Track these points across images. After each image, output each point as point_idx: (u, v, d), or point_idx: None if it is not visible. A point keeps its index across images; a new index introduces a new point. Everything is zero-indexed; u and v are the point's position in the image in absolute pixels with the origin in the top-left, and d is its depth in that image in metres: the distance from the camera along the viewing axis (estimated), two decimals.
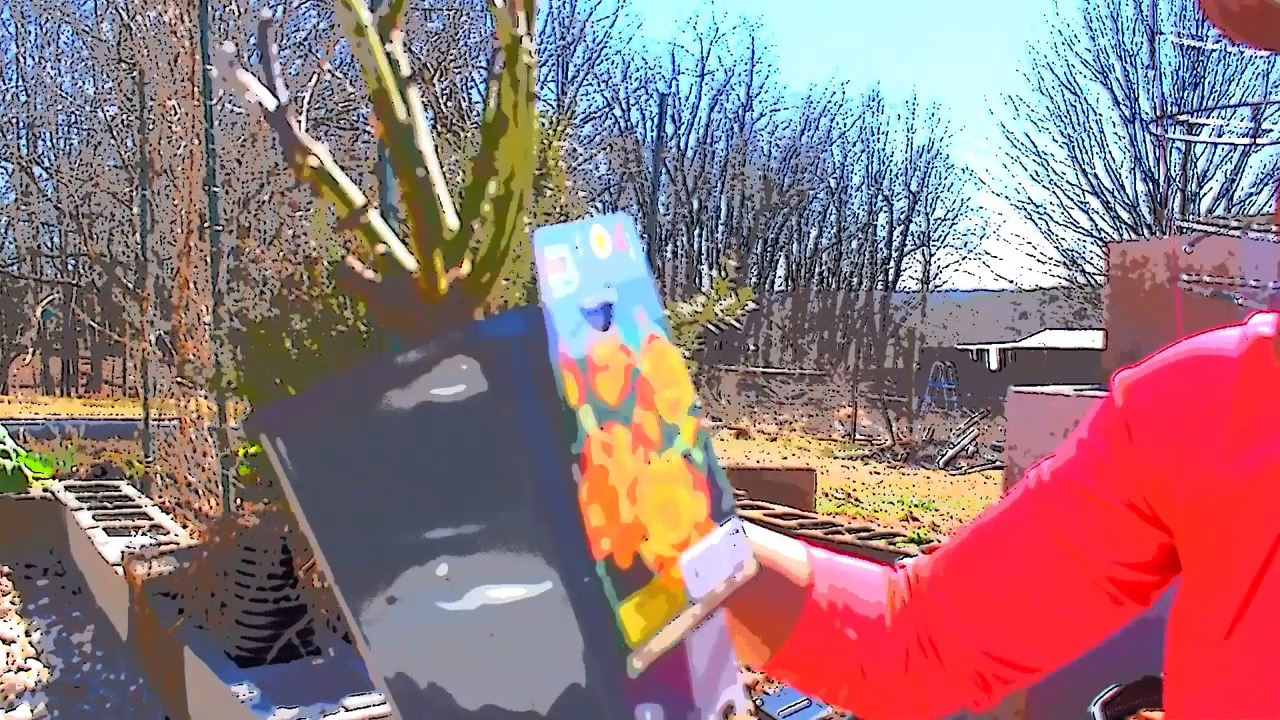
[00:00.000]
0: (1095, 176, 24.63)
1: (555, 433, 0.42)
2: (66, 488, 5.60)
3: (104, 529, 4.45)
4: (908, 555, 4.87)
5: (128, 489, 5.65)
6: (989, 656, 0.71)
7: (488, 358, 0.41)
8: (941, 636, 0.72)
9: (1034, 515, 0.71)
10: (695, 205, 30.84)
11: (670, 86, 30.26)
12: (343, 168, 0.48)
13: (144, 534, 4.34)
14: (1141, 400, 0.69)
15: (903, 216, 33.03)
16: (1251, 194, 23.26)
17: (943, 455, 12.25)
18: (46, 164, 20.31)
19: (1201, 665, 0.64)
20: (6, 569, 4.93)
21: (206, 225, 3.79)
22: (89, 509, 4.94)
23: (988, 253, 51.83)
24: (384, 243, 0.48)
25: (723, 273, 2.99)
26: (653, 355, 0.48)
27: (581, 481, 0.42)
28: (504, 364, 0.41)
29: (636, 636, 0.43)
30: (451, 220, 0.49)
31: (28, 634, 3.96)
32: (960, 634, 0.72)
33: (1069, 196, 25.45)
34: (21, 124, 20.41)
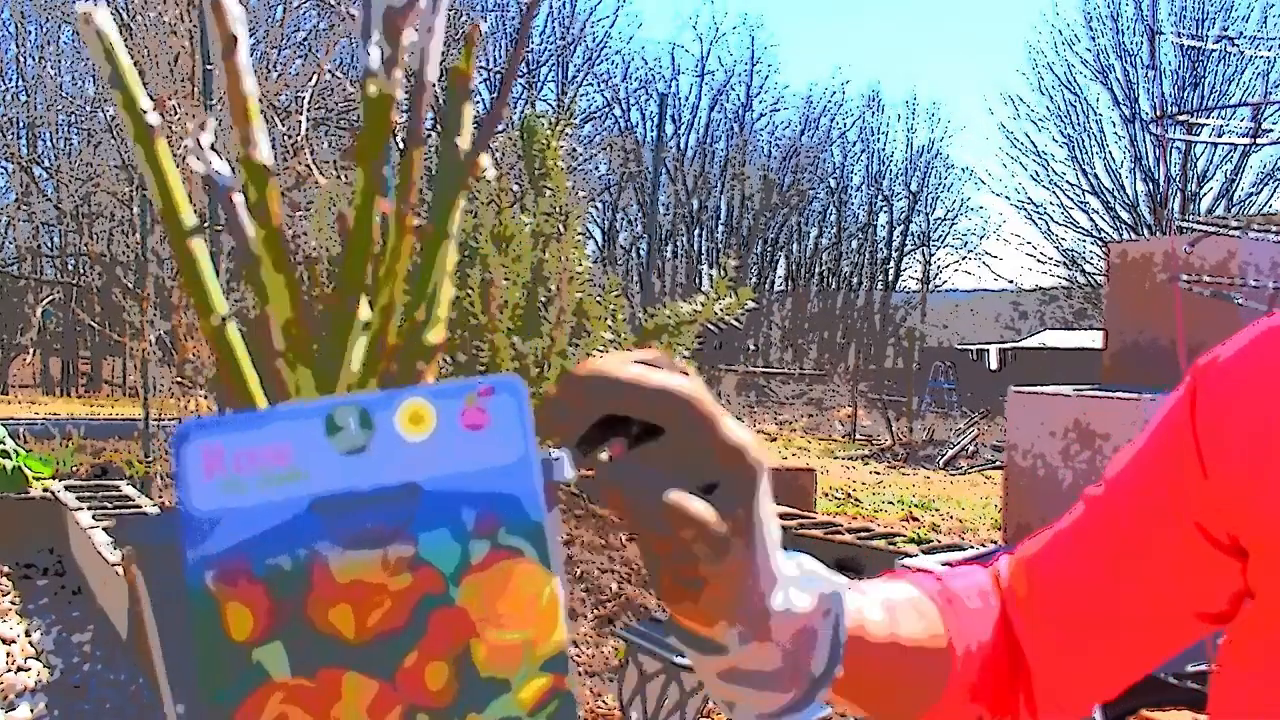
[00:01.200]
0: (1095, 176, 24.65)
1: (187, 670, 0.33)
2: (66, 488, 5.60)
3: (104, 529, 4.45)
4: (908, 555, 4.87)
5: (128, 489, 5.65)
6: (1070, 698, 0.67)
7: (134, 565, 0.36)
8: (1039, 676, 0.67)
9: (1116, 564, 0.65)
10: (695, 205, 30.85)
11: (670, 86, 30.29)
12: (343, 168, 0.48)
13: None
14: (1220, 398, 0.61)
15: (903, 216, 33.05)
16: (1251, 194, 23.28)
17: (943, 455, 12.25)
18: (46, 164, 20.32)
19: (1260, 689, 0.59)
20: (6, 569, 4.93)
21: (207, 225, 3.80)
22: (89, 509, 4.94)
23: (988, 253, 51.84)
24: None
25: (723, 272, 2.99)
26: (489, 581, 0.35)
27: None
28: (144, 577, 0.35)
29: None
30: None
31: (28, 634, 3.96)
32: (1052, 677, 0.66)
33: (1069, 196, 25.47)
34: (21, 124, 20.42)
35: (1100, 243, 24.76)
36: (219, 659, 0.32)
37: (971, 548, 5.22)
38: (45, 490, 5.64)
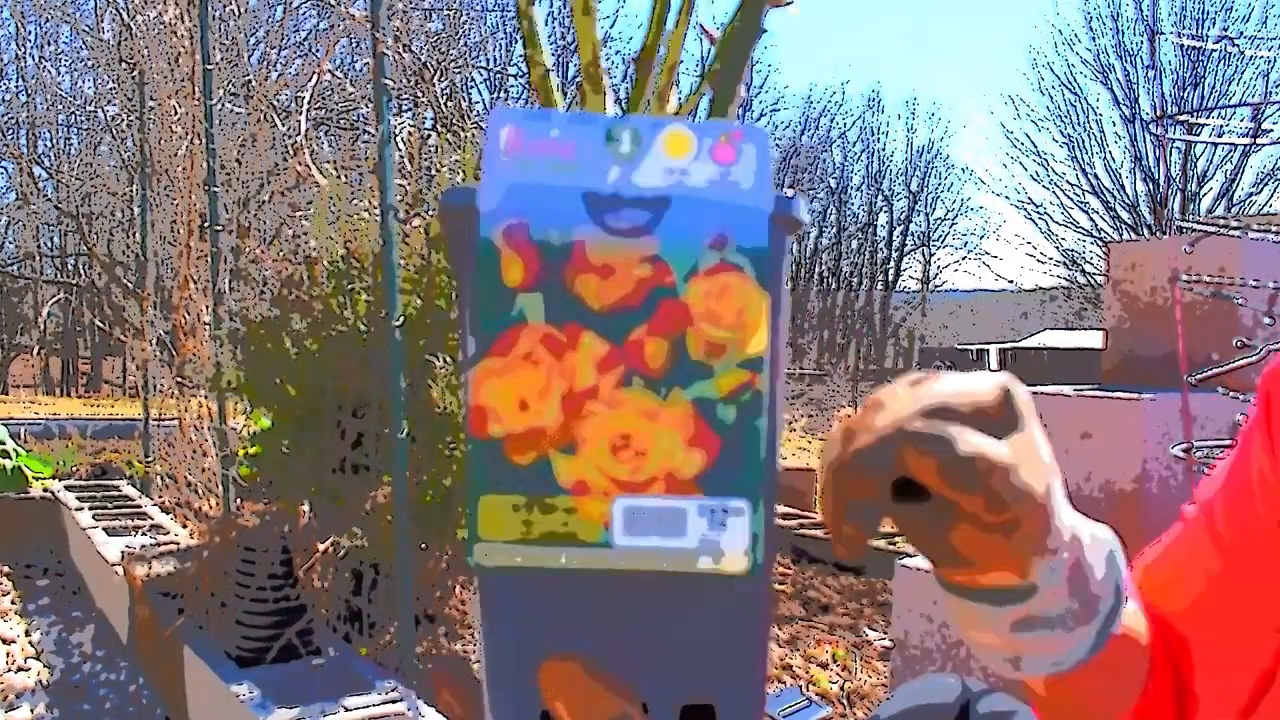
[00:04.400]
0: (1095, 176, 24.62)
1: (469, 302, 0.40)
2: (66, 488, 5.60)
3: (104, 529, 4.44)
4: (908, 555, 4.87)
5: (128, 489, 5.65)
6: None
7: (445, 222, 0.42)
8: None
9: (1215, 606, 0.65)
10: None
11: None
12: (343, 168, 0.49)
13: (144, 534, 4.34)
14: None
15: (903, 216, 33.03)
16: (1251, 194, 23.26)
17: None
18: (46, 164, 20.31)
19: None
20: (6, 569, 4.93)
21: (206, 225, 3.79)
22: (89, 509, 4.94)
23: (988, 253, 51.80)
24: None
25: None
26: (712, 286, 0.42)
27: (483, 358, 0.40)
28: (455, 229, 0.41)
29: (488, 533, 0.40)
30: None
31: (28, 634, 3.96)
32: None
33: (1069, 196, 25.45)
34: (21, 124, 20.41)
35: (1100, 243, 24.75)
36: (492, 297, 0.40)
37: None
38: (45, 490, 5.63)
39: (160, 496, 5.15)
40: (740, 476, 0.42)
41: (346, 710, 2.32)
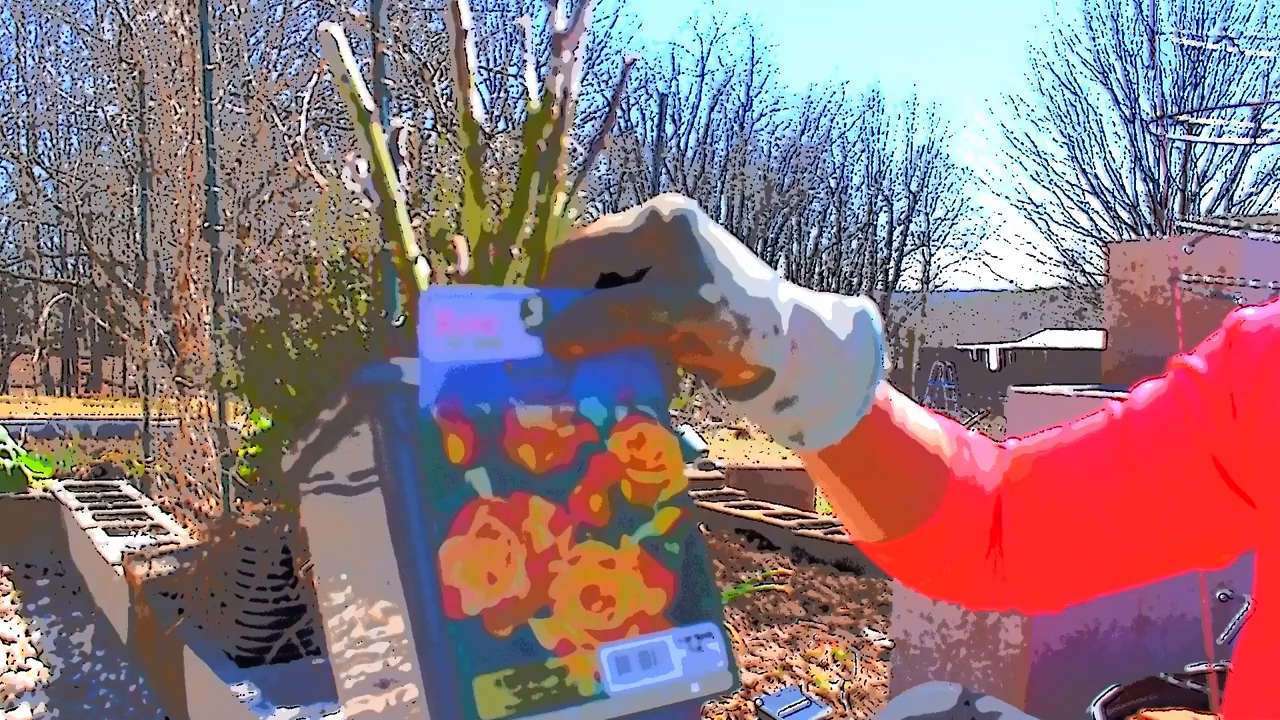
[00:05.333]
0: (1095, 176, 24.63)
1: (418, 484, 0.40)
2: (66, 488, 5.60)
3: (104, 529, 4.44)
4: None
5: (128, 489, 5.64)
6: (1034, 591, 0.70)
7: (364, 402, 0.42)
8: (1013, 547, 0.69)
9: (1120, 472, 0.66)
10: None
11: (670, 86, 30.28)
12: (343, 168, 0.50)
13: (144, 534, 4.34)
14: (1258, 354, 0.62)
15: (903, 216, 33.03)
16: (1251, 194, 23.26)
17: None
18: (46, 164, 20.30)
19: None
20: (6, 569, 4.93)
21: (206, 225, 3.79)
22: (89, 509, 4.94)
23: (988, 253, 51.81)
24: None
25: None
26: (630, 437, 0.45)
27: (446, 538, 0.40)
28: (379, 410, 0.41)
29: (488, 712, 0.39)
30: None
31: (28, 634, 3.96)
32: (1028, 558, 0.68)
33: (1069, 196, 25.46)
34: (21, 124, 20.41)
35: (1100, 243, 24.76)
36: (442, 476, 0.41)
37: None
38: (45, 490, 5.63)
39: (160, 496, 5.15)
40: (701, 602, 0.45)
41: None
